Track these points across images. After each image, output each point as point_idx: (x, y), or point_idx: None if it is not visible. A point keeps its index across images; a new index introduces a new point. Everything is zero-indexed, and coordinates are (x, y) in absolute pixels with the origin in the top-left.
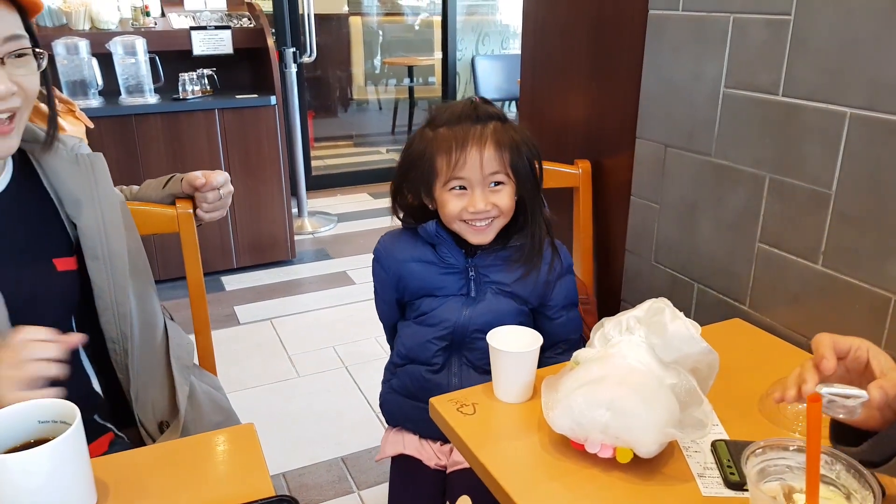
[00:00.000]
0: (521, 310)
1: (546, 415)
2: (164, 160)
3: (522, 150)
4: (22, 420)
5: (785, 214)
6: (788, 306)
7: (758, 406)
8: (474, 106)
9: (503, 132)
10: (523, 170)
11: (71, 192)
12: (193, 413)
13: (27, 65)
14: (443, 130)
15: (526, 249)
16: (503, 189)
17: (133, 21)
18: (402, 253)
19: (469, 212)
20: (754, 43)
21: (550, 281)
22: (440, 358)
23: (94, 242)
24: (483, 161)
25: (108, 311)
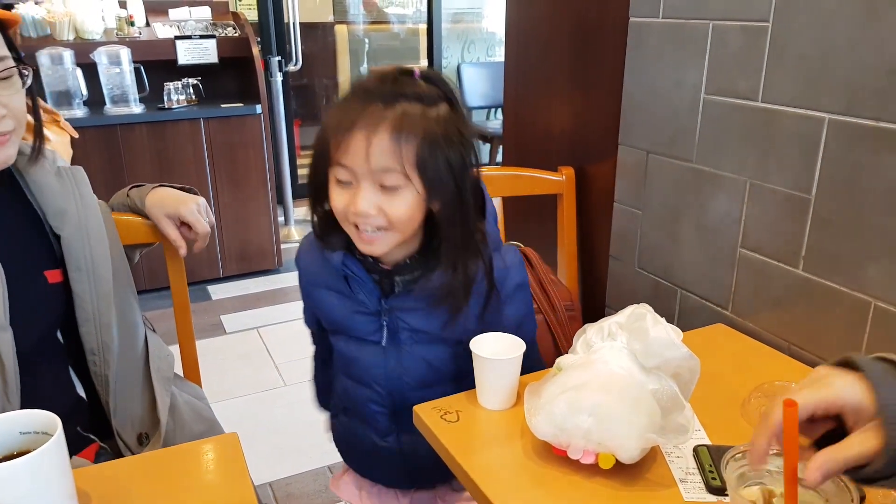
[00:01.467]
0: (458, 351)
1: (529, 421)
2: (149, 170)
3: (442, 145)
4: (3, 432)
5: (765, 219)
6: (770, 311)
7: (740, 411)
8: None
9: (415, 118)
10: (438, 173)
11: (54, 205)
12: (175, 424)
13: (12, 85)
14: (343, 102)
15: (444, 290)
16: (399, 194)
17: (118, 31)
18: (315, 274)
19: (351, 211)
20: (733, 49)
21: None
22: (383, 423)
23: (78, 254)
24: (370, 151)
25: (90, 322)
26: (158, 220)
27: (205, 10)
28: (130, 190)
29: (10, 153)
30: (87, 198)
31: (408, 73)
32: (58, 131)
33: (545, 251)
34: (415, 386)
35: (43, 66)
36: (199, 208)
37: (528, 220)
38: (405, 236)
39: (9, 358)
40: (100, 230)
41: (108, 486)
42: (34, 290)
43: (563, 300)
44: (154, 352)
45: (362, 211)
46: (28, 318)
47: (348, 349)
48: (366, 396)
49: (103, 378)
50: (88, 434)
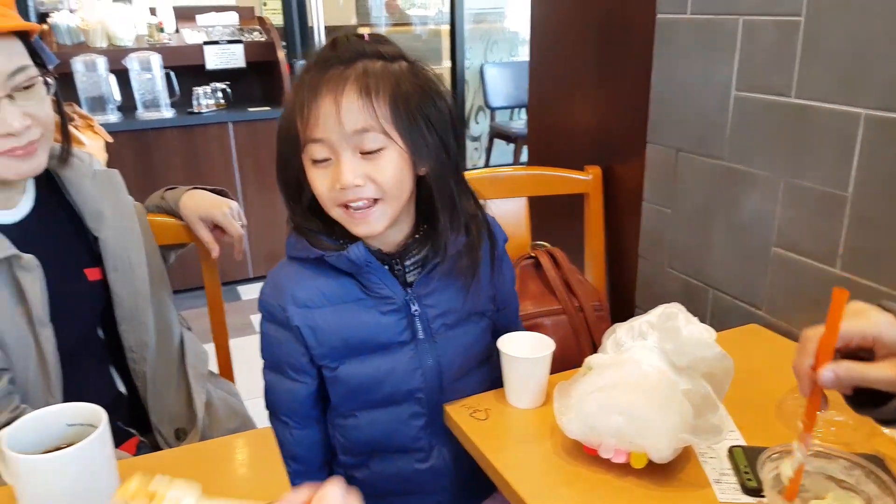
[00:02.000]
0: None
1: (559, 420)
2: (179, 172)
3: (415, 99)
4: (52, 424)
5: (800, 218)
6: (807, 311)
7: (775, 412)
8: (337, 42)
9: (379, 73)
10: (417, 129)
11: (91, 207)
12: (210, 419)
13: (37, 93)
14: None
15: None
16: (382, 156)
17: (148, 37)
18: (312, 295)
19: (338, 189)
20: (764, 45)
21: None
22: (424, 440)
23: (115, 255)
24: (341, 113)
25: (128, 321)
26: (192, 223)
27: (232, 16)
28: (165, 192)
29: (41, 160)
30: (122, 200)
31: (358, 37)
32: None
33: (571, 251)
34: (452, 379)
35: (77, 73)
36: (232, 212)
37: (553, 220)
38: (400, 205)
39: (50, 353)
40: (135, 232)
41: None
42: (75, 288)
43: (592, 300)
44: (189, 349)
45: (348, 182)
46: (69, 314)
47: (371, 368)
48: (405, 415)
49: (142, 375)
50: (129, 429)
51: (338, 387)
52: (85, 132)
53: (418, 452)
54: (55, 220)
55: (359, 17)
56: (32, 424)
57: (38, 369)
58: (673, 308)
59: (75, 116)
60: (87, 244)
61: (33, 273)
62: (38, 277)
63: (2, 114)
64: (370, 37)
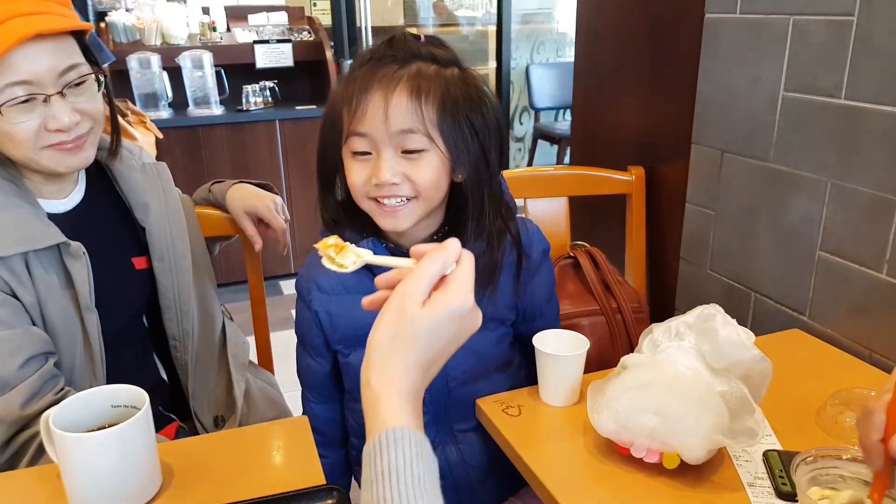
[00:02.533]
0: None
1: (592, 418)
2: (227, 168)
3: (462, 105)
4: (97, 404)
5: (847, 221)
6: (851, 317)
7: (815, 417)
8: (394, 40)
9: (432, 77)
10: (461, 135)
11: (139, 198)
12: (248, 408)
13: (88, 90)
14: (352, 72)
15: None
16: (423, 158)
17: (201, 36)
18: (331, 282)
19: (373, 184)
20: (815, 45)
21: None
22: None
23: (161, 245)
24: (389, 111)
25: (171, 310)
26: (237, 216)
27: (282, 16)
28: (212, 185)
29: (89, 154)
30: (169, 193)
31: (415, 38)
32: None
33: (612, 252)
34: (460, 381)
35: (132, 70)
36: (277, 206)
37: (594, 220)
38: (431, 206)
39: (95, 338)
40: (181, 224)
41: (187, 460)
42: (122, 275)
43: (631, 301)
44: (231, 339)
45: (386, 180)
46: (115, 301)
47: None
48: None
49: (183, 362)
50: (169, 414)
51: (350, 373)
52: (137, 128)
53: None
54: (105, 209)
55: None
56: (78, 404)
57: (83, 353)
58: (711, 309)
59: (129, 112)
60: (135, 234)
61: (80, 260)
62: (85, 264)
63: (52, 110)
64: (427, 38)
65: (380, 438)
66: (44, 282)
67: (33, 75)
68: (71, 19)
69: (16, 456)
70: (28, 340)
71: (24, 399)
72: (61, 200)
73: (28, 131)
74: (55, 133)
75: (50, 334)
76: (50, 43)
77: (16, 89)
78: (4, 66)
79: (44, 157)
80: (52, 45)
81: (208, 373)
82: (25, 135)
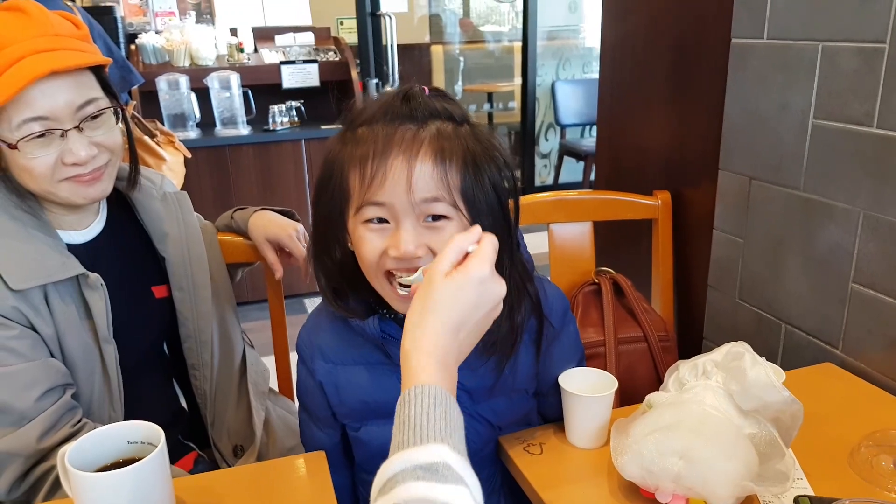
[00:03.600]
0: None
1: (615, 460)
2: (254, 187)
3: (484, 168)
4: (113, 440)
5: (881, 253)
6: (886, 351)
7: (848, 460)
8: (406, 95)
9: (452, 137)
10: (482, 195)
11: (159, 228)
12: (268, 437)
13: (105, 123)
14: (361, 131)
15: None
16: (447, 226)
17: (228, 57)
18: (337, 352)
19: (392, 257)
20: (845, 72)
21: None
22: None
23: (180, 275)
24: (413, 181)
25: (191, 339)
26: (259, 244)
27: (308, 36)
28: (235, 212)
29: (106, 186)
30: (189, 222)
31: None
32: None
33: (638, 279)
34: (477, 448)
35: (161, 91)
36: (298, 234)
37: (619, 245)
38: None
39: (113, 369)
40: (200, 253)
41: (203, 496)
42: (141, 305)
43: (657, 330)
44: (251, 367)
45: (409, 253)
46: (135, 331)
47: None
48: None
49: (202, 391)
50: (188, 442)
51: (360, 447)
52: (166, 148)
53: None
54: (125, 240)
55: (432, 35)
56: (95, 440)
57: (102, 384)
58: (739, 347)
59: (157, 133)
60: (155, 263)
61: (98, 291)
62: (103, 296)
63: (69, 144)
64: (431, 91)
65: (406, 394)
66: (63, 314)
67: (50, 111)
68: (88, 54)
69: (32, 489)
70: (45, 373)
71: (40, 432)
72: (81, 231)
73: (45, 165)
74: (72, 167)
75: (68, 366)
76: (67, 79)
77: (33, 125)
78: (22, 103)
79: (62, 190)
80: (69, 80)
81: (227, 402)
82: (43, 169)
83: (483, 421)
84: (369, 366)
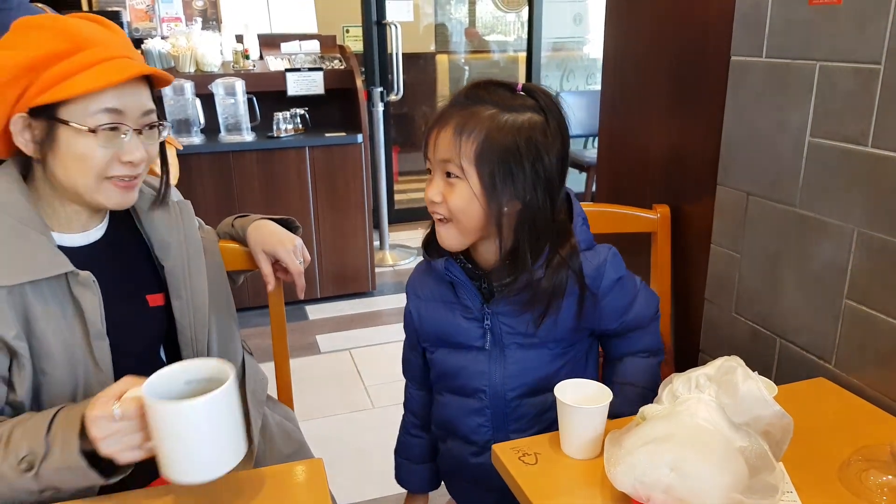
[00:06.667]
0: (560, 352)
1: (608, 471)
2: (257, 194)
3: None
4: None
5: (874, 270)
6: (878, 368)
7: (838, 474)
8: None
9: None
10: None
11: (160, 237)
12: (265, 444)
13: (154, 136)
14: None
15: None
16: (458, 184)
17: (234, 63)
18: (424, 289)
19: (426, 200)
20: (842, 92)
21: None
22: (483, 434)
23: (178, 284)
24: (436, 143)
25: (189, 348)
26: (255, 254)
27: (314, 44)
28: (236, 219)
29: (135, 196)
30: (191, 232)
31: (505, 87)
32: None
33: None
34: (518, 394)
35: (166, 97)
36: (296, 249)
37: None
38: (467, 230)
39: (106, 366)
40: (200, 263)
41: (200, 502)
42: (135, 311)
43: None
44: (250, 376)
45: (430, 197)
46: (125, 334)
47: (453, 360)
48: (469, 408)
49: None
50: None
51: (434, 367)
52: None
53: (473, 446)
54: (124, 246)
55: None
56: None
57: (93, 380)
58: (732, 362)
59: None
60: (153, 271)
61: (90, 289)
62: (95, 293)
63: (132, 144)
64: (524, 87)
65: None
66: (44, 313)
67: (125, 107)
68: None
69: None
70: None
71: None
72: (79, 234)
73: (103, 158)
74: (125, 166)
75: (42, 362)
76: (140, 86)
77: (107, 116)
78: (106, 93)
79: (102, 189)
80: (141, 87)
81: None
82: (99, 160)
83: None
84: (444, 303)
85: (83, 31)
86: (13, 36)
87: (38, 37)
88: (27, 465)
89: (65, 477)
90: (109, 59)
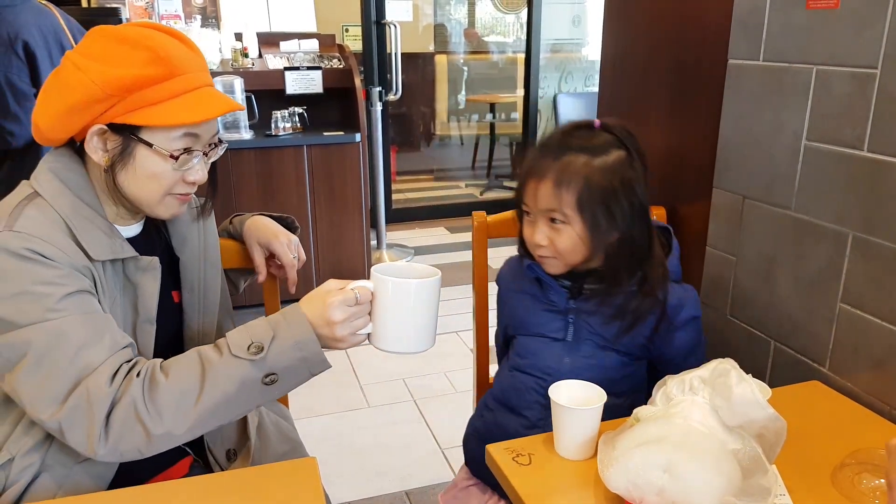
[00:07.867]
0: (627, 361)
1: (601, 472)
2: (255, 192)
3: (605, 192)
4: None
5: (869, 275)
6: (872, 371)
7: (831, 477)
8: (564, 134)
9: (578, 167)
10: (600, 215)
11: (179, 231)
12: (261, 443)
13: (216, 154)
14: (531, 153)
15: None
16: (563, 229)
17: (233, 62)
18: (514, 281)
19: (529, 241)
20: (838, 96)
21: (661, 334)
22: (536, 411)
23: (193, 276)
24: (538, 196)
25: (193, 341)
26: (250, 246)
27: (313, 43)
28: (234, 218)
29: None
30: (210, 227)
31: (585, 127)
32: None
33: None
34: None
35: None
36: (290, 244)
37: None
38: (573, 263)
39: (149, 351)
40: (216, 257)
41: (197, 499)
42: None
43: None
44: None
45: (535, 241)
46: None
47: (531, 344)
48: (530, 385)
49: None
50: (185, 447)
51: (512, 348)
52: None
53: (524, 419)
54: (155, 243)
55: (437, 45)
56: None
57: None
58: (726, 364)
59: None
60: (175, 269)
61: (152, 273)
62: (157, 277)
63: (199, 165)
64: (602, 124)
65: None
66: (111, 291)
67: (202, 132)
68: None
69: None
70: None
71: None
72: (124, 228)
73: (173, 179)
74: (189, 185)
75: None
76: None
77: (185, 141)
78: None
79: (163, 203)
80: None
81: None
82: (169, 182)
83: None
84: (527, 294)
85: (172, 56)
86: (101, 47)
87: (130, 56)
88: (256, 349)
89: (293, 357)
90: (197, 88)
